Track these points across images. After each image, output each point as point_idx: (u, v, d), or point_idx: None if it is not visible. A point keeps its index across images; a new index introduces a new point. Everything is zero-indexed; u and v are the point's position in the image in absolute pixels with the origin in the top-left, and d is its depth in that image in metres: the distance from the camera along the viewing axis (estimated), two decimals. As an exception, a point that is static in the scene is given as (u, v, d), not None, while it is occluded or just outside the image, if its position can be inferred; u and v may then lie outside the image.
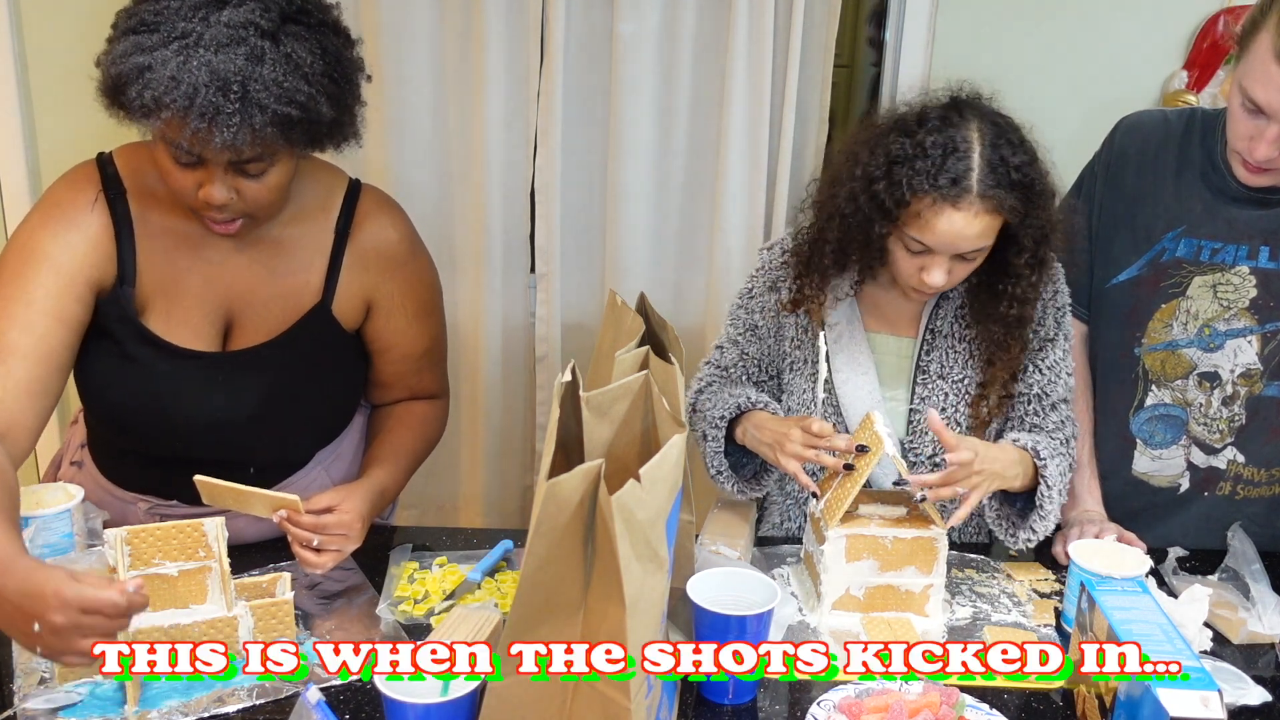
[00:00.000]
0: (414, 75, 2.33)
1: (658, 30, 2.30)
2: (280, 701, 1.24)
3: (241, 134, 1.29)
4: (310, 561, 1.42)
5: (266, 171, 1.38)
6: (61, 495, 1.44)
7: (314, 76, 1.34)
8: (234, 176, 1.37)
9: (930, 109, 1.53)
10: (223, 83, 1.27)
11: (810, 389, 1.70)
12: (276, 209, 1.46)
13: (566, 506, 0.98)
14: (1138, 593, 1.28)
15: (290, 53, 1.32)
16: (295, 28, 1.34)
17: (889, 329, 1.69)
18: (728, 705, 1.29)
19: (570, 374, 1.13)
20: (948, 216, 1.45)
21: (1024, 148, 1.50)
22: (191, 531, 1.32)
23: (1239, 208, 1.61)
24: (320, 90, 1.35)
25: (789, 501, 1.79)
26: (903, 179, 1.46)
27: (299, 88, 1.32)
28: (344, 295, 1.55)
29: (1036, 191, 1.49)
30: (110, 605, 1.09)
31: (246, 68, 1.28)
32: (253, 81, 1.28)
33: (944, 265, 1.51)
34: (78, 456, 1.66)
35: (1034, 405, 1.65)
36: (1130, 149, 1.71)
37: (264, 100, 1.29)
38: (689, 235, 2.45)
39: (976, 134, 1.48)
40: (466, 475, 2.59)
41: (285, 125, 1.32)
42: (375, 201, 1.59)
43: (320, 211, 1.54)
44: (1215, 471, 1.70)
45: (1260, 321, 1.62)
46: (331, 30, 1.40)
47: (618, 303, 1.41)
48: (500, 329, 2.49)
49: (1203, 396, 1.66)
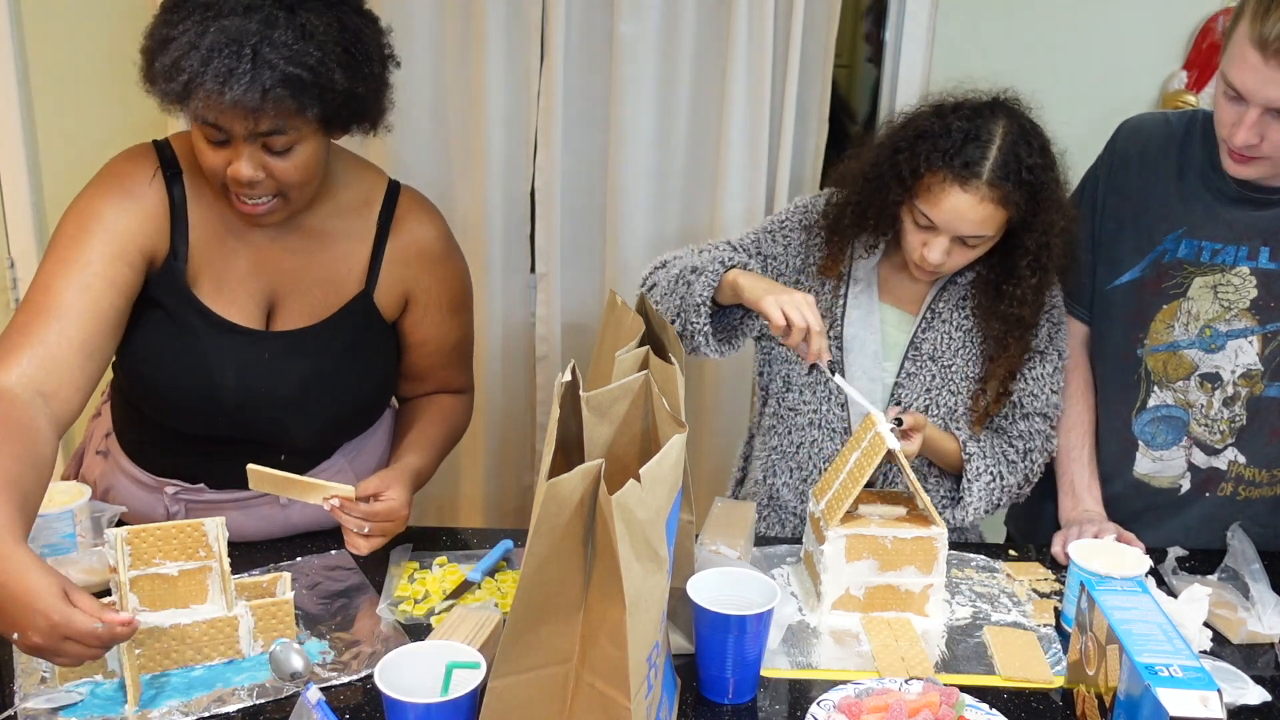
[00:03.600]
0: (414, 75, 2.33)
1: (658, 30, 2.30)
2: (280, 701, 1.24)
3: (251, 93, 1.31)
4: (360, 546, 1.51)
5: (292, 148, 1.40)
6: (64, 495, 1.44)
7: (327, 44, 1.36)
8: (261, 154, 1.39)
9: (970, 100, 1.64)
10: (236, 44, 1.30)
11: None
12: (307, 191, 1.48)
13: (566, 506, 0.98)
14: (1137, 592, 1.28)
15: (305, 22, 1.35)
16: (314, 2, 1.38)
17: (895, 302, 1.76)
18: (728, 705, 1.29)
19: (570, 374, 1.13)
20: (955, 195, 1.55)
21: (1042, 153, 1.59)
22: (191, 531, 1.32)
23: (1239, 209, 1.61)
24: (333, 58, 1.37)
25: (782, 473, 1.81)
26: (922, 152, 1.57)
27: (309, 51, 1.34)
28: (384, 286, 1.59)
29: (1046, 196, 1.58)
30: (91, 636, 1.10)
31: (260, 30, 1.32)
32: (264, 43, 1.31)
33: (944, 245, 1.60)
34: (103, 446, 1.67)
35: (1006, 409, 1.74)
36: (1132, 152, 1.72)
37: (273, 60, 1.31)
38: (689, 235, 2.45)
39: (1001, 129, 1.58)
40: (466, 475, 2.59)
41: (296, 87, 1.34)
42: (415, 200, 1.64)
43: (363, 206, 1.59)
44: (1216, 472, 1.70)
45: (1261, 322, 1.62)
46: (353, 10, 1.43)
47: (618, 303, 1.41)
48: (500, 329, 2.49)
49: (1204, 397, 1.66)
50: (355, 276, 1.58)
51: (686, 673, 1.32)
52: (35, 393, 1.32)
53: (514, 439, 2.59)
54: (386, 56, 1.49)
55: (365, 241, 1.58)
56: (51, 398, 1.34)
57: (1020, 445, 1.73)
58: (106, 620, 1.11)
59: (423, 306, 1.65)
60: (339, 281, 1.57)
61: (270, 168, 1.40)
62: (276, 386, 1.53)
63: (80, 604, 1.11)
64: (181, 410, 1.53)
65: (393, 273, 1.60)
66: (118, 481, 1.62)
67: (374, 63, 1.45)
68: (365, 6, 1.47)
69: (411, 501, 1.55)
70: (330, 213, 1.56)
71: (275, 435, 1.56)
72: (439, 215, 1.67)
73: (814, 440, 1.77)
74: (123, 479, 1.62)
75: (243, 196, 1.43)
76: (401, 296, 1.63)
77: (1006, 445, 1.73)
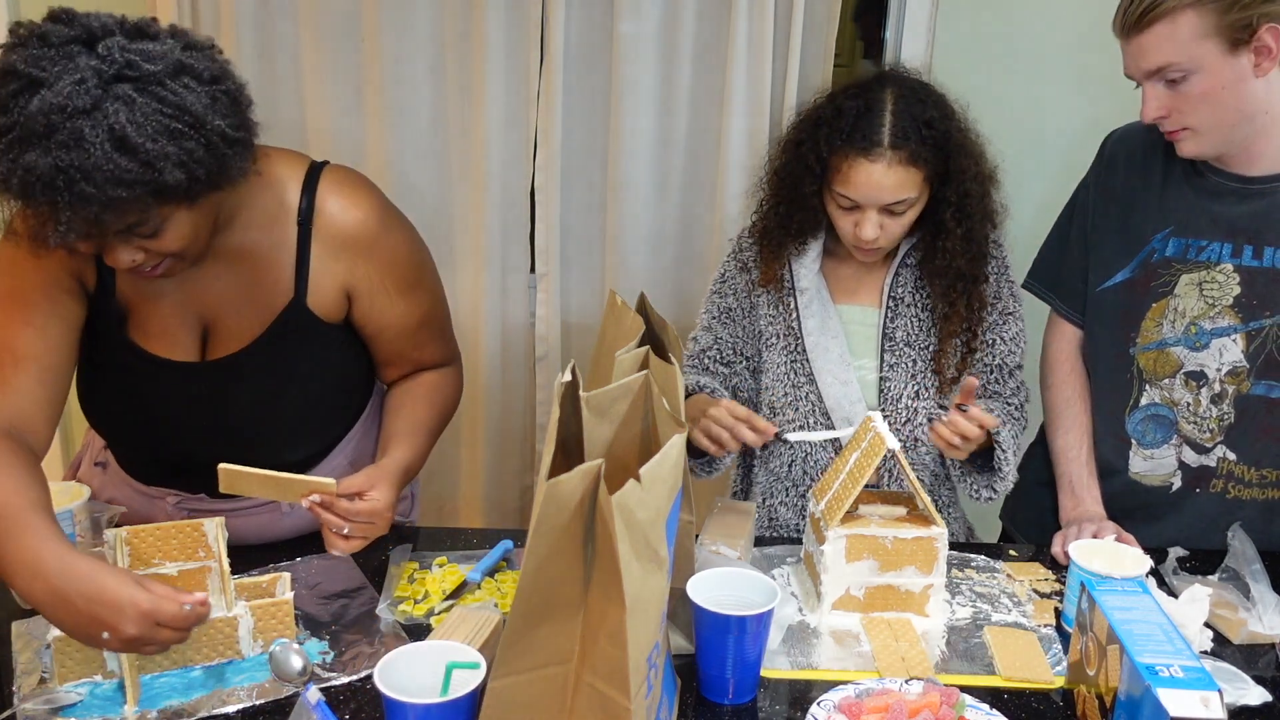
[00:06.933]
0: (414, 75, 2.33)
1: (658, 30, 2.30)
2: (280, 701, 1.24)
3: (77, 228, 1.20)
4: (339, 546, 1.45)
5: (160, 229, 1.29)
6: (64, 495, 1.44)
7: (147, 141, 1.19)
8: (132, 240, 1.29)
9: (857, 80, 1.70)
10: (47, 187, 1.17)
11: (785, 363, 1.78)
12: (200, 247, 1.37)
13: (566, 506, 0.98)
14: (1138, 593, 1.28)
15: (114, 125, 1.18)
16: (122, 87, 1.20)
17: (853, 299, 1.79)
18: (728, 705, 1.29)
19: (570, 374, 1.13)
20: (864, 169, 1.60)
21: (938, 106, 1.65)
22: (191, 531, 1.32)
23: (1222, 204, 1.62)
24: (159, 154, 1.20)
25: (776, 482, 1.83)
26: (822, 137, 1.63)
27: (129, 167, 1.18)
28: (318, 288, 1.50)
29: (953, 144, 1.64)
30: (182, 619, 1.15)
31: (68, 160, 1.16)
32: (78, 176, 1.17)
33: (874, 219, 1.64)
34: (101, 457, 1.66)
35: (995, 374, 1.79)
36: (1119, 156, 1.75)
37: (90, 193, 1.17)
38: (689, 235, 2.46)
39: (890, 95, 1.63)
40: (466, 475, 2.59)
41: (122, 208, 1.21)
42: (334, 183, 1.51)
43: (279, 209, 1.48)
44: (1207, 470, 1.70)
45: (1244, 320, 1.63)
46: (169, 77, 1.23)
47: (618, 303, 1.41)
48: (500, 329, 2.49)
49: (1190, 395, 1.67)
50: (284, 286, 1.48)
51: (686, 673, 1.32)
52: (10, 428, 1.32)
53: (514, 439, 2.59)
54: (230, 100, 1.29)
55: (288, 247, 1.48)
56: (25, 433, 1.34)
57: (1017, 401, 1.79)
58: (190, 600, 1.15)
59: (368, 295, 1.54)
60: (268, 296, 1.48)
61: (147, 247, 1.30)
62: (222, 414, 1.50)
63: (158, 591, 1.15)
64: (149, 445, 1.53)
65: (324, 271, 1.49)
66: (119, 491, 1.62)
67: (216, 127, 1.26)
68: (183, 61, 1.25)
69: (397, 500, 1.49)
70: (247, 224, 1.45)
71: (249, 455, 1.46)
72: (366, 192, 1.53)
73: (805, 455, 1.79)
74: (124, 488, 1.62)
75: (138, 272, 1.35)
76: (341, 292, 1.52)
77: (1006, 405, 1.77)
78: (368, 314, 1.56)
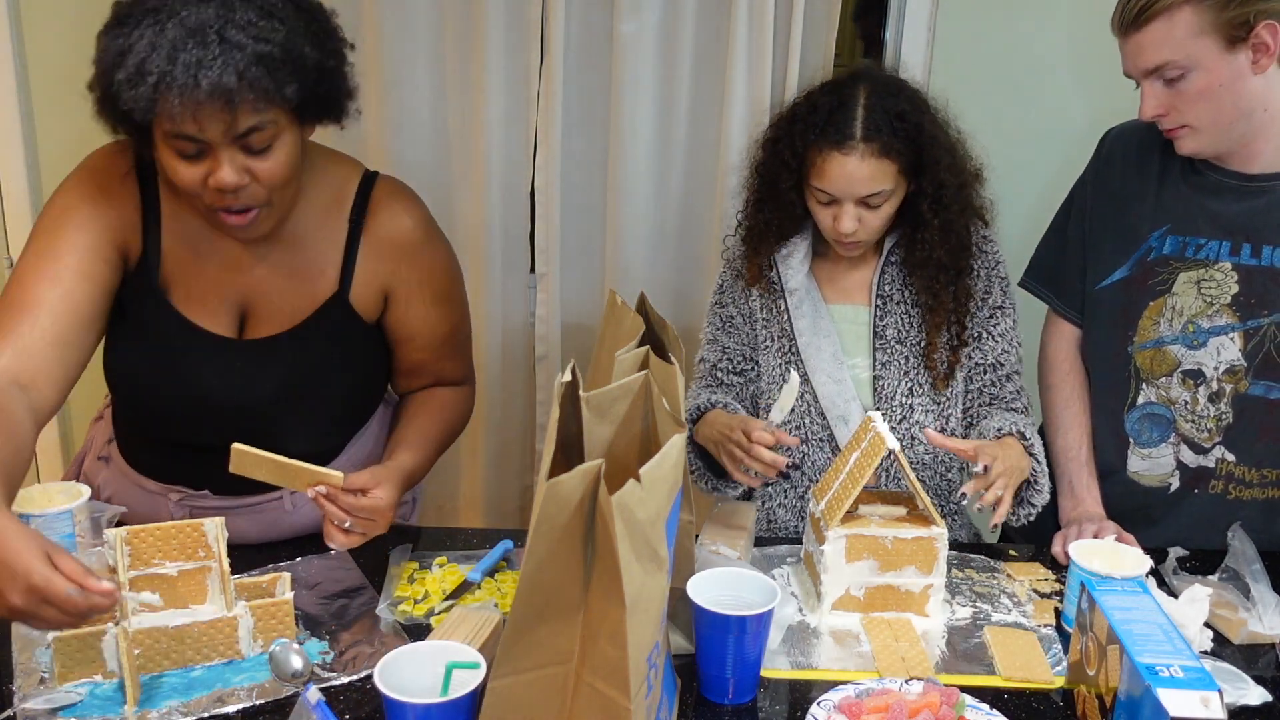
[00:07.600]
0: (414, 75, 2.33)
1: (658, 30, 2.30)
2: (280, 701, 1.24)
3: (226, 76, 1.28)
4: (339, 540, 1.49)
5: (271, 145, 1.37)
6: (64, 495, 1.44)
7: (290, 19, 1.35)
8: (241, 156, 1.36)
9: (832, 79, 1.73)
10: (199, 33, 1.28)
11: (780, 364, 1.78)
12: (291, 194, 1.46)
13: (566, 506, 0.98)
14: (1138, 593, 1.28)
15: (262, 3, 1.33)
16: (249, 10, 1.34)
17: (844, 298, 1.79)
18: (728, 705, 1.29)
19: (570, 374, 1.13)
20: (837, 162, 1.62)
21: (911, 100, 1.66)
22: (191, 531, 1.32)
23: (1220, 202, 1.62)
24: (298, 33, 1.35)
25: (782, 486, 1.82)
26: (797, 133, 1.67)
27: (275, 27, 1.32)
28: (361, 285, 1.57)
29: (925, 136, 1.65)
30: (70, 604, 1.09)
31: (220, 15, 1.29)
32: (229, 25, 1.29)
33: (851, 212, 1.65)
34: (104, 452, 1.66)
35: (990, 375, 1.76)
36: (1116, 154, 1.75)
37: (241, 40, 1.29)
38: (689, 235, 2.45)
39: (863, 91, 1.65)
40: (466, 475, 2.59)
41: (269, 65, 1.31)
42: (389, 190, 1.60)
43: (334, 204, 1.56)
44: (1205, 470, 1.70)
45: (1242, 318, 1.63)
46: None
47: (618, 303, 1.41)
48: (500, 329, 2.49)
49: (1187, 394, 1.67)
50: (329, 279, 1.55)
51: (686, 673, 1.32)
52: (10, 382, 1.33)
53: (514, 439, 2.59)
54: (340, 39, 1.47)
55: (338, 241, 1.55)
56: (28, 388, 1.34)
57: (1020, 403, 1.76)
58: (88, 587, 1.10)
59: (404, 301, 1.61)
60: (312, 285, 1.54)
61: (253, 170, 1.37)
62: (254, 394, 1.52)
63: (63, 567, 1.10)
64: (168, 418, 1.53)
65: (368, 270, 1.57)
66: (121, 488, 1.62)
67: (336, 38, 1.44)
68: None
69: (398, 502, 1.53)
70: (302, 213, 1.53)
71: (264, 441, 1.51)
72: (416, 203, 1.62)
73: (803, 455, 1.79)
74: (127, 485, 1.62)
75: (228, 208, 1.39)
76: (380, 293, 1.59)
77: (1010, 410, 1.74)
78: (401, 319, 1.62)
